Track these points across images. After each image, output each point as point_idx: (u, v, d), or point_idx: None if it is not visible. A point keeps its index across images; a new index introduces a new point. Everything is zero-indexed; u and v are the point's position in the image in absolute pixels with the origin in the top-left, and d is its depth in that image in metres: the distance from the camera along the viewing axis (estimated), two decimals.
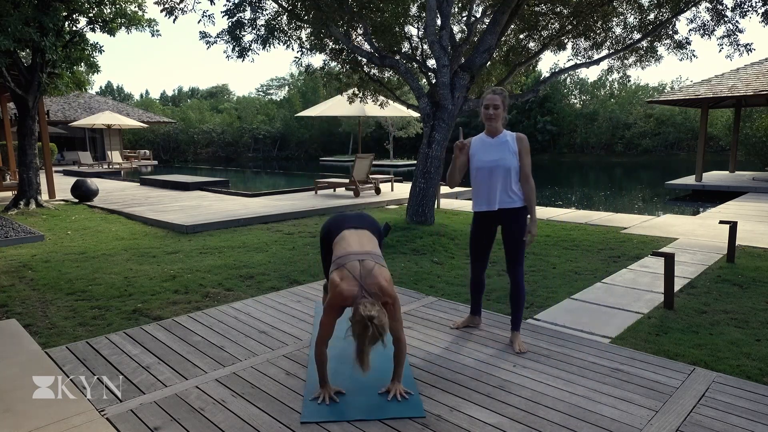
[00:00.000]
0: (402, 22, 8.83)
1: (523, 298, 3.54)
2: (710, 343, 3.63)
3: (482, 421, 2.61)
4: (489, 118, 3.41)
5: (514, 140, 3.43)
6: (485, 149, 3.45)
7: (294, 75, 51.92)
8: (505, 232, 3.51)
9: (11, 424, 2.58)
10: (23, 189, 10.18)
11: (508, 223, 3.47)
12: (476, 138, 3.55)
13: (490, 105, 3.41)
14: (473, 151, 3.50)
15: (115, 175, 19.94)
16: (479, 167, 3.44)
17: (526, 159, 3.42)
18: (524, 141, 3.43)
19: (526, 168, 3.42)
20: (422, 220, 7.61)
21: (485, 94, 3.47)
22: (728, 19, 7.96)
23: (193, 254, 6.50)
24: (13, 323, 3.99)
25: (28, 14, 8.69)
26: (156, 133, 38.93)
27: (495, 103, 3.41)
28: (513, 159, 3.39)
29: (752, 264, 5.73)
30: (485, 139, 3.49)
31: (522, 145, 3.41)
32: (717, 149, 31.95)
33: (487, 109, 3.41)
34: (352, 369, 3.21)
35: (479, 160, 3.45)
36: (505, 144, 3.42)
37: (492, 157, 3.41)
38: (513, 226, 3.47)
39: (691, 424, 2.57)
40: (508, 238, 3.50)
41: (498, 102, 3.39)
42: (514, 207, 3.45)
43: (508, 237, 3.50)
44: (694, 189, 14.34)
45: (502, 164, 3.37)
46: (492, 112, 3.40)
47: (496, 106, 3.40)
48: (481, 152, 3.46)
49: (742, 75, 14.43)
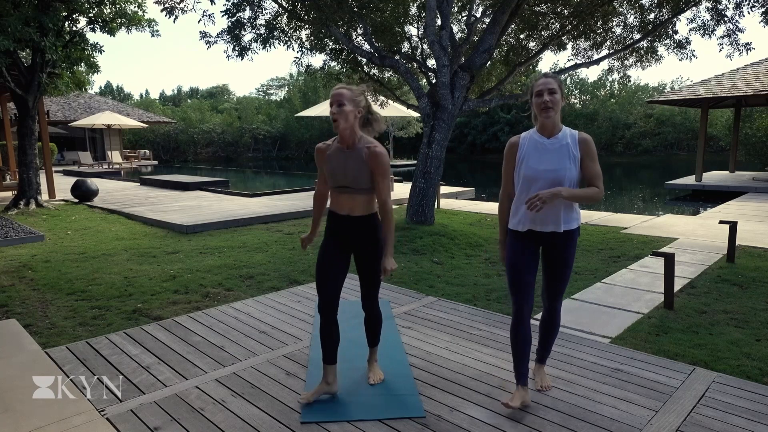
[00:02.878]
0: (402, 22, 8.84)
1: (557, 331, 2.93)
2: (710, 343, 3.63)
3: (482, 421, 2.61)
4: (544, 107, 2.52)
5: (576, 143, 2.59)
6: (539, 153, 2.60)
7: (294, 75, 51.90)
8: (551, 257, 2.72)
9: (11, 424, 2.58)
10: (23, 189, 10.18)
11: (557, 246, 2.68)
12: (527, 136, 2.68)
13: (544, 90, 2.52)
14: (523, 154, 2.64)
15: (115, 175, 19.94)
16: (530, 177, 2.60)
17: (593, 166, 2.58)
18: (590, 143, 2.59)
19: (593, 177, 2.58)
20: (422, 220, 7.61)
21: (534, 81, 2.60)
22: (728, 18, 7.95)
23: (193, 254, 6.50)
24: (13, 323, 3.99)
25: (28, 14, 8.69)
26: (156, 133, 38.90)
27: (550, 87, 2.51)
28: (572, 169, 2.56)
29: (752, 264, 5.73)
30: (538, 140, 2.62)
31: (586, 150, 2.58)
32: (717, 149, 31.93)
33: (540, 96, 2.53)
34: (351, 369, 3.22)
35: (530, 168, 2.60)
36: (565, 149, 2.57)
37: (546, 165, 2.57)
38: (564, 252, 2.68)
39: (691, 424, 2.57)
40: (554, 264, 2.72)
41: (554, 86, 2.51)
42: (570, 229, 2.66)
43: (553, 263, 2.73)
44: (694, 189, 14.34)
45: (560, 176, 2.54)
46: (548, 98, 2.50)
47: (552, 91, 2.51)
48: (533, 157, 2.61)
49: (742, 75, 14.43)
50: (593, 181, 2.58)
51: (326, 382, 2.82)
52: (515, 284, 2.70)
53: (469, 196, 13.22)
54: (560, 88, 2.54)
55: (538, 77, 2.60)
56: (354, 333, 3.79)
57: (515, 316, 2.73)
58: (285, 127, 43.47)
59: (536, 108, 2.58)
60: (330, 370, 2.83)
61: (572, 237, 2.69)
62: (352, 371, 3.18)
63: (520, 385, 2.73)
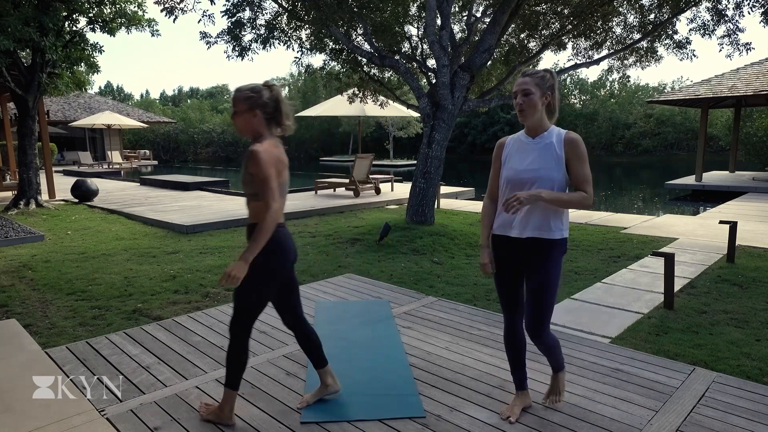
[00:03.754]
0: (402, 21, 8.84)
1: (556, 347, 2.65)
2: (710, 343, 3.63)
3: (482, 421, 2.61)
4: (519, 109, 2.43)
5: (561, 142, 2.41)
6: (520, 154, 2.49)
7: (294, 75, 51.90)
8: (529, 273, 2.49)
9: (11, 424, 2.58)
10: (23, 189, 10.18)
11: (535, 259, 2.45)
12: (514, 137, 2.59)
13: (519, 92, 2.41)
14: (507, 154, 2.55)
15: (115, 175, 19.94)
16: (509, 177, 2.48)
17: (580, 168, 2.40)
18: (576, 144, 2.40)
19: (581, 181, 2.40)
20: (422, 220, 7.61)
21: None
22: (728, 18, 7.95)
23: (193, 254, 6.50)
24: (13, 323, 3.99)
25: (28, 14, 8.69)
26: (156, 133, 38.92)
27: (524, 88, 2.40)
28: (556, 170, 2.40)
29: (752, 264, 5.73)
30: (523, 140, 2.51)
31: (572, 150, 2.40)
32: (717, 149, 31.95)
33: (515, 97, 2.44)
34: (351, 369, 3.22)
35: (511, 168, 2.48)
36: (549, 148, 2.43)
37: (527, 165, 2.44)
38: (544, 265, 2.43)
39: (691, 424, 2.57)
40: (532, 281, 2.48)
41: (529, 86, 2.39)
42: (549, 238, 2.43)
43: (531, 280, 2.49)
44: (694, 189, 14.34)
45: (541, 176, 2.40)
46: (521, 100, 2.40)
47: (526, 92, 2.39)
48: (514, 157, 2.50)
49: (742, 75, 14.43)
50: (581, 185, 2.40)
51: (324, 384, 2.81)
52: (501, 295, 2.62)
53: (469, 196, 13.22)
54: (539, 87, 2.39)
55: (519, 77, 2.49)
56: (354, 333, 3.80)
57: (506, 324, 2.66)
58: None
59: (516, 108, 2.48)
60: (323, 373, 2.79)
61: (553, 249, 2.43)
62: (352, 371, 3.18)
63: (519, 392, 2.70)
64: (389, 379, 3.06)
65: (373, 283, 5.07)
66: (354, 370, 3.20)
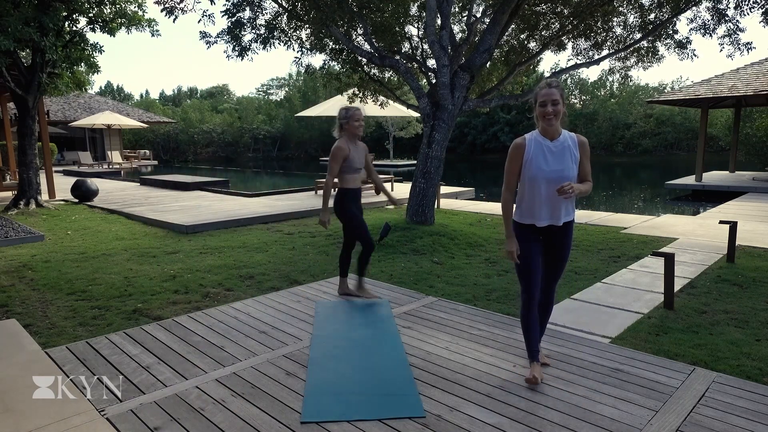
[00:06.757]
0: (402, 22, 8.83)
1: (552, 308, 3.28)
2: (710, 343, 3.63)
3: (482, 421, 2.61)
4: (547, 117, 2.81)
5: (576, 146, 2.91)
6: (544, 155, 2.86)
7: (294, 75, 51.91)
8: (556, 244, 3.03)
9: (11, 424, 2.58)
10: (23, 189, 10.18)
11: (560, 235, 3.00)
12: (531, 138, 2.91)
13: (548, 101, 2.79)
14: (529, 157, 2.87)
15: (115, 175, 19.95)
16: (539, 177, 2.86)
17: (587, 165, 2.97)
18: (587, 145, 2.96)
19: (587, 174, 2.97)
20: (422, 220, 7.61)
21: (538, 90, 2.86)
22: (729, 18, 7.95)
23: (193, 254, 6.50)
24: (13, 323, 3.99)
25: (28, 14, 8.69)
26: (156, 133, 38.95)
27: (554, 98, 2.79)
28: (574, 168, 2.89)
29: (752, 264, 5.73)
30: (543, 142, 2.88)
31: (584, 151, 2.94)
32: (717, 149, 31.94)
33: (544, 106, 2.80)
34: (352, 369, 3.22)
35: (539, 168, 2.85)
36: (567, 150, 2.88)
37: (554, 166, 2.85)
38: (565, 239, 3.02)
39: (691, 424, 2.57)
40: (559, 249, 3.04)
41: (557, 96, 2.79)
42: (570, 220, 3.02)
43: (558, 249, 3.04)
44: (694, 189, 14.34)
45: (565, 176, 2.83)
46: (551, 109, 2.79)
47: (555, 102, 2.79)
48: (541, 159, 2.86)
49: (742, 75, 14.43)
50: (586, 177, 2.97)
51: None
52: (527, 272, 2.98)
53: (469, 196, 13.22)
54: (562, 98, 2.82)
55: (542, 86, 2.85)
56: (354, 333, 3.80)
57: (527, 304, 3.01)
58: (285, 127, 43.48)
59: (540, 116, 2.84)
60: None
61: (572, 226, 3.07)
62: (352, 371, 3.18)
63: (535, 362, 3.05)
64: (389, 379, 3.06)
65: (373, 283, 5.07)
66: (354, 370, 3.20)
